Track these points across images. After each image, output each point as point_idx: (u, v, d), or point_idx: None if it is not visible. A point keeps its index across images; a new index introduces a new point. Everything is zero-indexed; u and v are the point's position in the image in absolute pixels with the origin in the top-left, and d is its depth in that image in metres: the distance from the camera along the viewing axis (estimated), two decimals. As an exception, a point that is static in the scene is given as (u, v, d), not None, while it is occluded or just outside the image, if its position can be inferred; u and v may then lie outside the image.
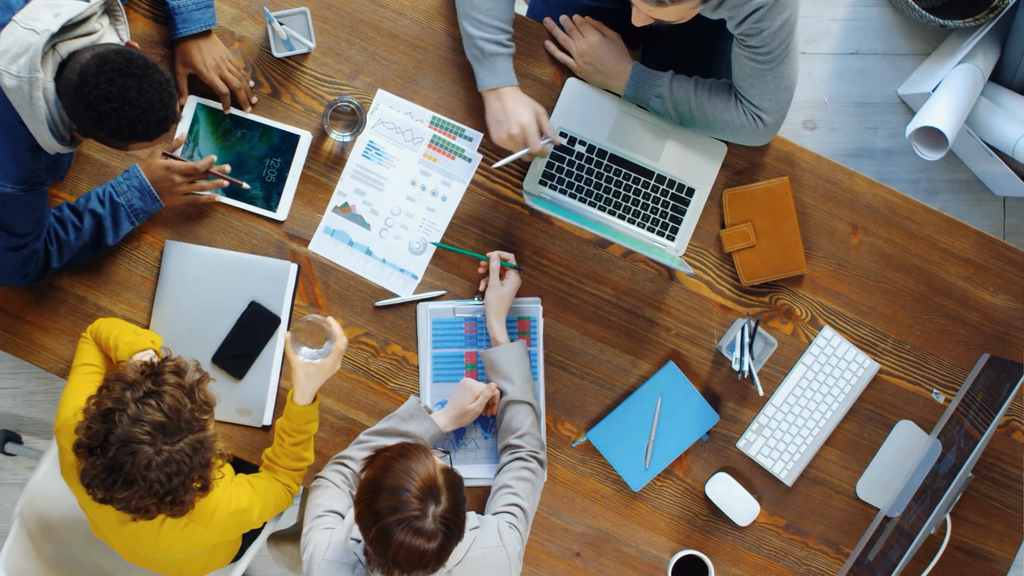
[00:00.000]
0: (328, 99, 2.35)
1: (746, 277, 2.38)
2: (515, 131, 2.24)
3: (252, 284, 2.33)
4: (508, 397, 2.28)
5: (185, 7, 2.24)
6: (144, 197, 2.26)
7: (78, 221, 2.23)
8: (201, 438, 1.93)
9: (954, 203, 3.17)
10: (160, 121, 1.92)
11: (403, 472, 1.92)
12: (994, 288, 2.42)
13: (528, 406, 2.28)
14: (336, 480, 2.21)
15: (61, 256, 2.22)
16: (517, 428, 2.26)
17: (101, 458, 1.89)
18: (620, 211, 2.38)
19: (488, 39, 2.23)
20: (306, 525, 2.16)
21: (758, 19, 2.06)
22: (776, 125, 2.27)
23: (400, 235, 2.37)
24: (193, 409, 1.93)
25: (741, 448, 2.40)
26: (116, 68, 1.87)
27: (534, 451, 2.26)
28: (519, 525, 2.16)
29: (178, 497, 1.93)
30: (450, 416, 2.28)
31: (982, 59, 2.89)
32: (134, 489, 1.89)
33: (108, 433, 1.88)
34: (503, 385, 2.29)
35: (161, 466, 1.88)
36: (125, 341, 2.16)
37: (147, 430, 1.88)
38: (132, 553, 2.20)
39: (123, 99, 1.87)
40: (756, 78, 2.18)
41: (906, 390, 2.42)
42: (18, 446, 3.03)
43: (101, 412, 1.91)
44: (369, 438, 2.27)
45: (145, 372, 1.94)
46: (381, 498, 1.91)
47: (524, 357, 2.31)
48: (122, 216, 2.25)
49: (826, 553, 2.43)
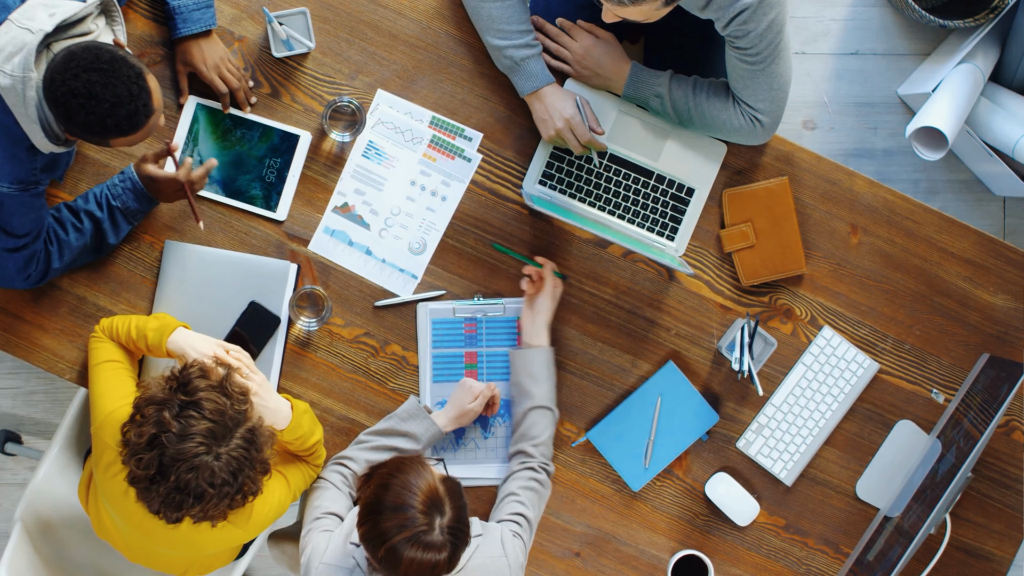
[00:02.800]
0: (328, 99, 2.35)
1: (746, 277, 2.38)
2: (560, 125, 2.26)
3: (252, 284, 2.33)
4: (534, 402, 2.27)
5: (185, 7, 2.24)
6: (139, 198, 2.25)
7: (77, 222, 2.22)
8: (249, 427, 1.93)
9: (954, 203, 3.17)
10: (130, 115, 1.90)
11: (403, 488, 1.92)
12: (994, 288, 2.42)
13: (551, 413, 2.28)
14: (336, 481, 2.21)
15: (61, 256, 2.21)
16: (536, 436, 2.26)
17: (164, 484, 1.87)
18: (620, 211, 2.38)
19: (515, 45, 2.24)
20: (305, 527, 2.15)
21: (743, 21, 2.06)
22: (773, 125, 2.27)
23: (400, 235, 2.37)
24: (232, 404, 1.92)
25: (741, 448, 2.40)
26: (82, 64, 1.86)
27: (545, 463, 2.27)
28: (523, 534, 2.16)
29: (248, 489, 1.93)
30: (450, 416, 2.28)
31: (982, 59, 2.89)
32: (206, 500, 1.88)
33: (161, 457, 1.86)
34: (529, 387, 2.28)
35: (224, 469, 1.88)
36: (152, 328, 2.14)
37: (199, 441, 1.86)
38: (144, 550, 2.19)
39: (89, 94, 1.86)
40: (749, 79, 2.18)
41: (906, 390, 2.42)
42: (18, 446, 3.03)
43: (146, 441, 1.88)
44: (369, 438, 2.27)
45: (172, 386, 1.92)
46: (385, 518, 1.90)
47: (554, 364, 2.31)
48: (119, 218, 2.25)
49: (826, 553, 2.43)
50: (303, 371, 2.36)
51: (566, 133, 2.26)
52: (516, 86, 2.30)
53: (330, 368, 2.37)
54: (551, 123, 2.27)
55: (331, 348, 2.36)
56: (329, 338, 2.36)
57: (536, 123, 2.31)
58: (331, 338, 2.36)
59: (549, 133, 2.28)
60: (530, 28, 2.26)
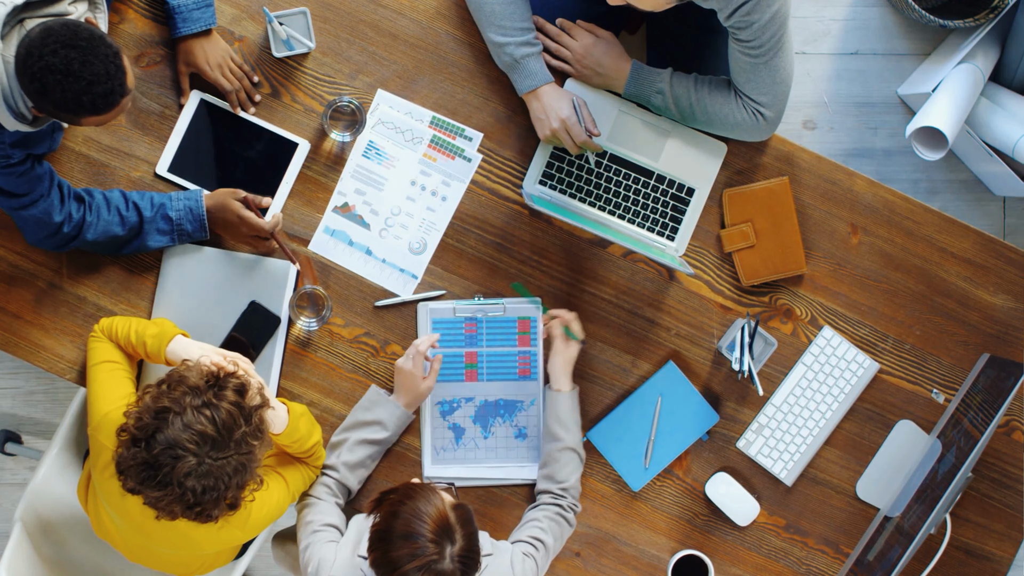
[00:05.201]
0: (328, 99, 2.35)
1: (746, 277, 2.38)
2: (556, 125, 2.25)
3: (252, 284, 2.33)
4: (564, 444, 2.28)
5: (185, 6, 2.23)
6: (195, 223, 2.26)
7: (124, 209, 2.22)
8: (245, 461, 1.92)
9: (954, 203, 3.17)
10: (106, 94, 1.87)
11: (413, 516, 1.91)
12: (994, 288, 2.42)
13: (578, 457, 2.29)
14: (322, 494, 2.22)
15: (95, 232, 2.21)
16: (565, 479, 2.27)
17: (143, 452, 1.87)
18: (620, 211, 2.38)
19: (516, 43, 2.24)
20: (303, 541, 2.15)
21: (747, 12, 2.06)
22: (776, 119, 2.27)
23: (400, 235, 2.37)
24: (246, 432, 1.92)
25: (741, 448, 2.40)
26: (60, 40, 1.83)
27: (574, 504, 2.28)
28: (536, 556, 2.16)
29: (205, 510, 1.91)
30: (407, 400, 2.28)
31: (982, 59, 2.89)
32: (166, 492, 1.87)
33: (157, 431, 1.86)
34: (556, 430, 2.28)
35: (200, 477, 1.87)
36: (151, 334, 2.14)
37: (195, 439, 1.86)
38: (144, 550, 2.19)
39: (66, 71, 1.83)
40: (751, 72, 2.18)
41: (906, 390, 2.42)
42: (18, 446, 3.03)
43: (156, 408, 1.88)
44: (341, 437, 2.27)
45: (209, 382, 1.92)
46: (396, 547, 1.90)
47: (577, 404, 2.32)
48: (165, 229, 2.25)
49: (826, 553, 2.43)
50: (303, 371, 2.36)
51: (562, 133, 2.26)
52: (514, 84, 2.30)
53: (330, 368, 2.37)
54: (547, 123, 2.27)
55: (331, 348, 2.36)
56: (329, 338, 2.36)
57: (533, 122, 2.31)
58: (331, 338, 2.36)
59: (545, 133, 2.28)
60: (531, 27, 2.26)
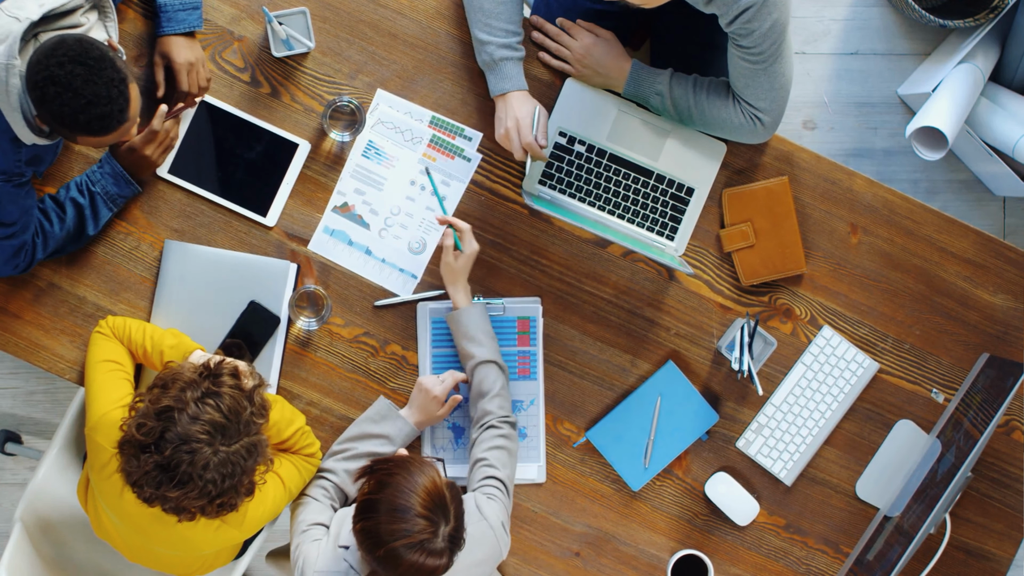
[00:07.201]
0: (327, 99, 2.35)
1: (745, 277, 2.38)
2: (510, 125, 2.25)
3: (252, 284, 2.33)
4: (477, 359, 2.26)
5: (171, 6, 2.24)
6: (119, 182, 2.26)
7: (60, 211, 2.24)
8: (255, 441, 1.92)
9: (954, 203, 3.17)
10: (103, 116, 1.87)
11: (409, 489, 1.92)
12: (994, 288, 2.42)
13: (496, 366, 2.27)
14: (318, 495, 2.22)
15: (46, 247, 2.22)
16: (487, 391, 2.25)
17: (155, 455, 1.86)
18: (620, 211, 2.38)
19: (498, 44, 2.24)
20: (293, 541, 2.16)
21: (747, 19, 2.06)
22: (774, 124, 2.27)
23: (400, 235, 2.37)
24: (252, 412, 1.92)
25: (741, 448, 2.40)
26: (69, 54, 1.84)
27: (505, 416, 2.24)
28: (498, 495, 2.16)
29: (228, 500, 1.91)
30: (419, 419, 2.29)
31: (982, 59, 2.89)
32: (187, 489, 1.87)
33: (164, 431, 1.86)
34: (469, 348, 2.27)
35: (218, 467, 1.87)
36: (169, 344, 2.15)
37: (207, 430, 1.86)
38: (143, 550, 2.19)
39: (68, 85, 1.83)
40: (751, 78, 2.18)
41: (906, 390, 2.42)
42: (18, 446, 3.04)
43: (157, 410, 1.88)
44: (344, 447, 2.26)
45: (203, 373, 1.93)
46: (387, 518, 1.90)
47: (486, 317, 2.30)
48: (100, 204, 2.26)
49: (826, 553, 2.43)
50: (303, 371, 2.36)
51: (512, 133, 2.25)
52: (489, 84, 2.28)
53: (330, 368, 2.37)
54: (503, 123, 2.26)
55: (331, 348, 2.36)
56: (329, 338, 2.36)
57: (495, 122, 2.30)
58: (331, 338, 2.36)
59: (500, 133, 2.27)
60: (518, 31, 2.25)
